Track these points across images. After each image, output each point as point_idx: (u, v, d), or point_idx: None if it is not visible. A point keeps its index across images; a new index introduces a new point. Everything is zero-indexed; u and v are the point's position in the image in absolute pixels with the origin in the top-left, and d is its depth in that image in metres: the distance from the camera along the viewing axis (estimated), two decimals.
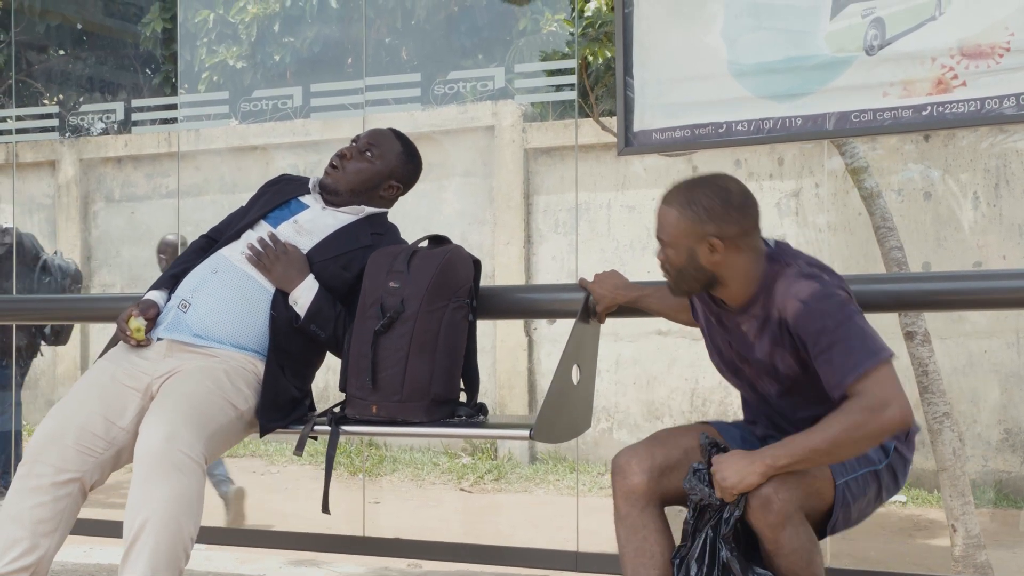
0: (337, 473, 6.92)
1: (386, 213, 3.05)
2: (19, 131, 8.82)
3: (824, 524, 2.41)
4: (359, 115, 6.85)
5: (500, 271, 7.22)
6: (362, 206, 2.98)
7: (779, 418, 2.52)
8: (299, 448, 2.78)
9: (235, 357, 2.74)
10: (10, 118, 9.20)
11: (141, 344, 2.77)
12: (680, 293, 2.58)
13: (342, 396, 2.84)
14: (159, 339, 2.77)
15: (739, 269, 2.42)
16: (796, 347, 2.36)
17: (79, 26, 10.75)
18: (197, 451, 2.51)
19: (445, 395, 2.73)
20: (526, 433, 2.64)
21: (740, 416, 2.70)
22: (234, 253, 2.85)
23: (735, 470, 2.28)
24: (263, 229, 2.92)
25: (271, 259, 2.79)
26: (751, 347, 2.46)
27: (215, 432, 2.60)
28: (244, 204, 3.13)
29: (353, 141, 3.06)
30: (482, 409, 2.84)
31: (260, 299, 2.79)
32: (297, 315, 2.78)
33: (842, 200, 6.44)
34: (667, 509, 2.50)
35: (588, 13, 6.19)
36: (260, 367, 2.76)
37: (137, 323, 2.79)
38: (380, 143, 3.01)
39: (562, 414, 2.74)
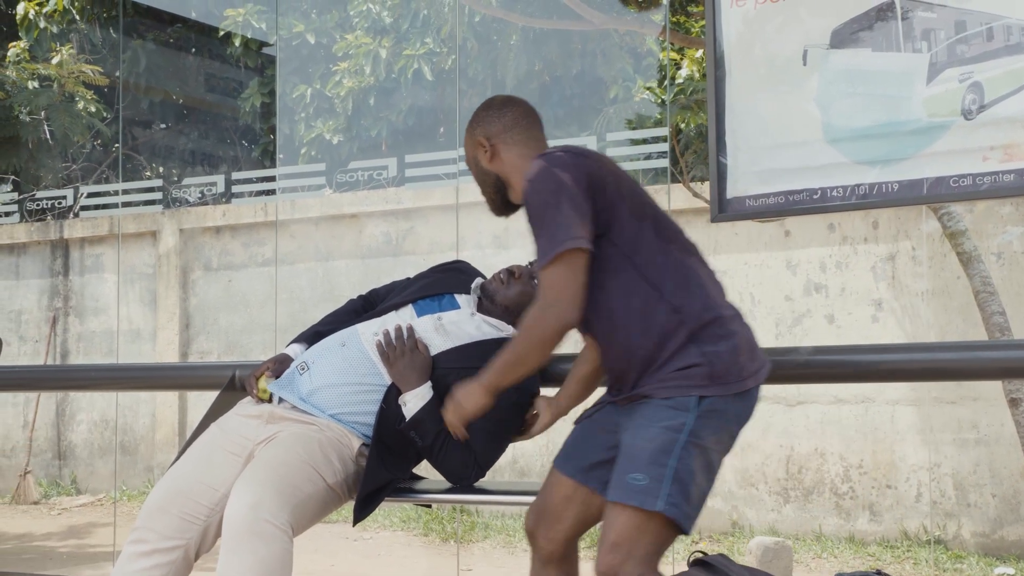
0: (428, 540, 6.94)
1: None
2: (124, 204, 9.11)
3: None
4: (452, 184, 6.95)
5: None
6: (511, 327, 2.92)
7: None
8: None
9: (332, 428, 2.75)
10: (115, 192, 9.50)
11: (263, 401, 2.83)
12: (497, 211, 2.66)
13: None
14: (279, 398, 2.82)
15: (512, 164, 2.54)
16: None
17: (181, 101, 11.10)
18: (282, 519, 2.52)
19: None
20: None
21: None
22: (367, 332, 2.86)
23: (456, 401, 2.41)
24: (406, 314, 2.90)
25: (396, 354, 2.78)
26: None
27: (302, 501, 2.60)
28: (411, 276, 3.13)
29: (530, 263, 2.98)
30: None
31: (375, 388, 2.80)
32: (403, 416, 2.77)
33: (939, 264, 6.34)
34: None
35: (679, 80, 6.22)
36: (355, 444, 2.78)
37: (264, 383, 2.85)
38: None
39: None
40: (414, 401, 2.74)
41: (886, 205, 2.78)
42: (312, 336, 2.99)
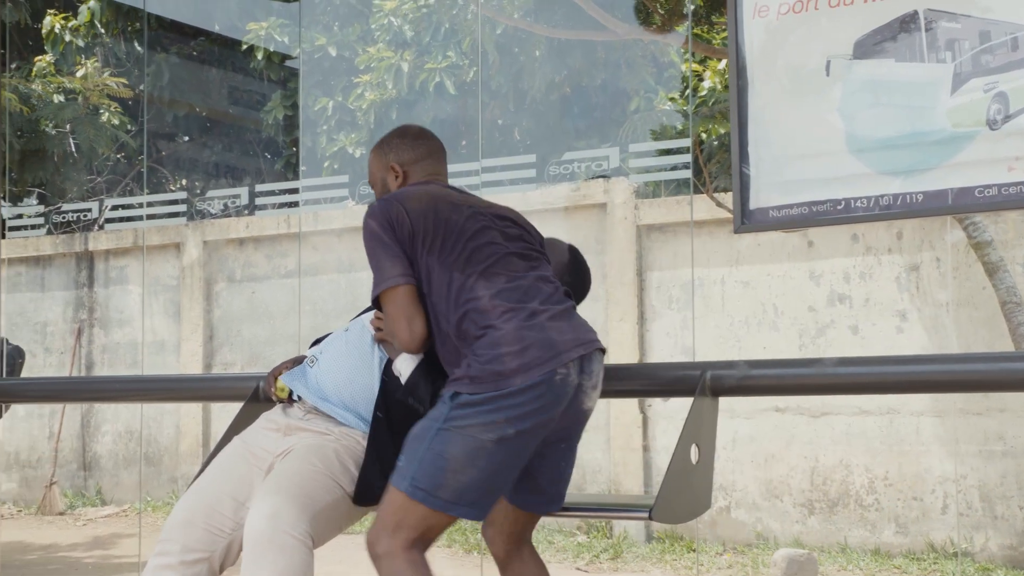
0: (452, 551, 6.94)
1: None
2: (148, 216, 9.16)
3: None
4: (476, 195, 6.95)
5: (613, 348, 7.20)
6: None
7: None
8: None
9: (348, 435, 2.75)
10: (140, 204, 9.55)
11: (283, 401, 2.85)
12: None
13: None
14: (297, 396, 2.83)
15: None
16: None
17: (204, 114, 11.17)
18: (301, 529, 2.52)
19: None
20: (645, 513, 2.61)
21: None
22: (369, 316, 2.89)
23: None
24: None
25: (384, 325, 2.81)
26: None
27: (321, 511, 2.60)
28: None
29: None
30: None
31: (375, 363, 2.80)
32: (401, 385, 2.76)
33: (964, 274, 6.30)
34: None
35: (702, 92, 6.22)
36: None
37: (281, 382, 2.87)
38: (551, 250, 2.98)
39: (682, 494, 2.71)
40: (405, 366, 2.72)
41: (911, 216, 2.76)
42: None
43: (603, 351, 2.58)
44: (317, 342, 3.02)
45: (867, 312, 6.55)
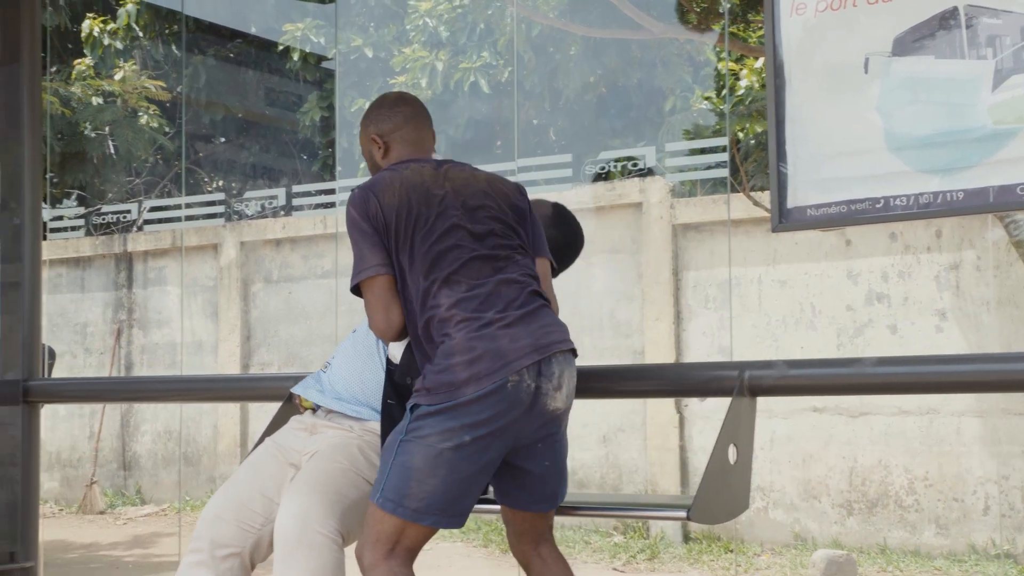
0: (488, 551, 6.95)
1: None
2: (187, 218, 9.23)
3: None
4: None
5: (649, 347, 7.18)
6: None
7: None
8: None
9: (369, 430, 2.78)
10: (178, 205, 9.63)
11: (307, 408, 2.88)
12: None
13: None
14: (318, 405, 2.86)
15: (394, 163, 2.73)
16: None
17: (241, 116, 11.24)
18: (330, 527, 2.55)
19: None
20: (683, 513, 2.61)
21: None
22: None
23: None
24: None
25: None
26: None
27: (349, 507, 2.63)
28: None
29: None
30: None
31: (381, 357, 2.83)
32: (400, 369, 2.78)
33: (1005, 273, 6.23)
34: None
35: (739, 91, 6.20)
36: None
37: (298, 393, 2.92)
38: (536, 208, 3.00)
39: (720, 494, 2.70)
40: (396, 350, 2.74)
41: (951, 214, 2.73)
42: None
43: (570, 351, 2.58)
44: None
45: (906, 311, 6.49)
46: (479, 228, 2.60)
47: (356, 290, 2.61)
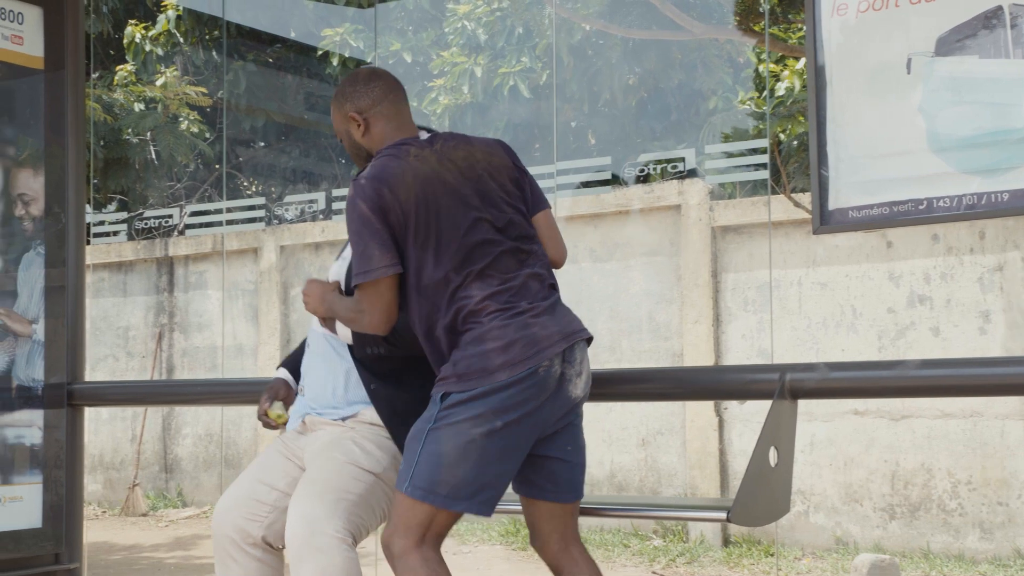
0: (528, 553, 6.94)
1: None
2: (228, 222, 9.30)
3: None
4: (550, 197, 6.96)
5: (688, 350, 7.15)
6: None
7: None
8: None
9: (358, 420, 2.76)
10: (219, 210, 9.70)
11: (279, 426, 2.89)
12: None
13: None
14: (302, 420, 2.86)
15: (380, 139, 2.71)
16: None
17: (281, 120, 11.31)
18: (337, 527, 2.55)
19: None
20: (723, 515, 2.60)
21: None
22: (314, 320, 2.88)
23: (306, 290, 2.74)
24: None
25: (307, 302, 2.77)
26: None
27: (354, 503, 2.62)
28: None
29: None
30: None
31: (342, 354, 2.80)
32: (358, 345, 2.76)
33: None
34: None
35: (780, 92, 6.16)
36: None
37: (275, 411, 2.89)
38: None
39: (760, 496, 2.69)
40: (342, 330, 2.73)
41: (995, 215, 2.71)
42: (293, 358, 3.01)
43: (588, 340, 2.64)
44: (286, 364, 3.03)
45: (948, 313, 6.43)
46: (500, 219, 2.62)
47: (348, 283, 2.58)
